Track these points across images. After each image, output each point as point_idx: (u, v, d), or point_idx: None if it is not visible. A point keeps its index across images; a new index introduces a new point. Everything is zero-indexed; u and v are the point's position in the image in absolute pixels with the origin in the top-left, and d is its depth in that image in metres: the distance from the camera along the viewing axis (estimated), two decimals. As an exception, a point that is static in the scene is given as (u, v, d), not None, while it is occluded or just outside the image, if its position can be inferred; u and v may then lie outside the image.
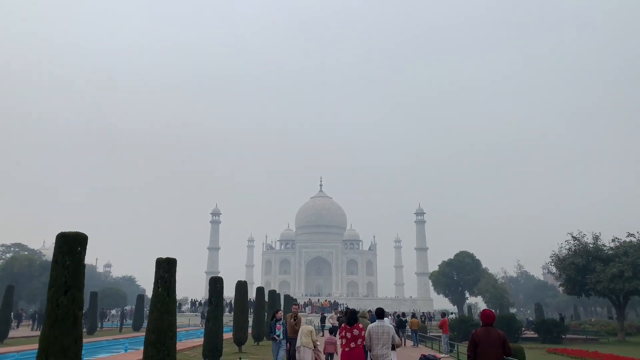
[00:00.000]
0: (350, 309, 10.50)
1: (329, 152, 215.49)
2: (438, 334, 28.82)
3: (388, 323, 9.07)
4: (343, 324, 9.26)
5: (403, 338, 25.22)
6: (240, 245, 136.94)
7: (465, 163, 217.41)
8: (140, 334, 26.67)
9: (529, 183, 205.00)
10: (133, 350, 20.59)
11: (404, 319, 27.21)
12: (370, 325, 8.91)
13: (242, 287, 19.81)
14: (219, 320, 15.24)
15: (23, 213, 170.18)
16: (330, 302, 63.33)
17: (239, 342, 19.39)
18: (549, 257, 36.19)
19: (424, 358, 17.90)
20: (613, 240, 33.84)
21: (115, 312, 58.16)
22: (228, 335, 23.03)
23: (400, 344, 9.42)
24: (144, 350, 10.59)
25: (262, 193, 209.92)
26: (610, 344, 28.98)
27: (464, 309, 65.88)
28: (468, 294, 68.77)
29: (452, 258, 68.29)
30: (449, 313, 33.65)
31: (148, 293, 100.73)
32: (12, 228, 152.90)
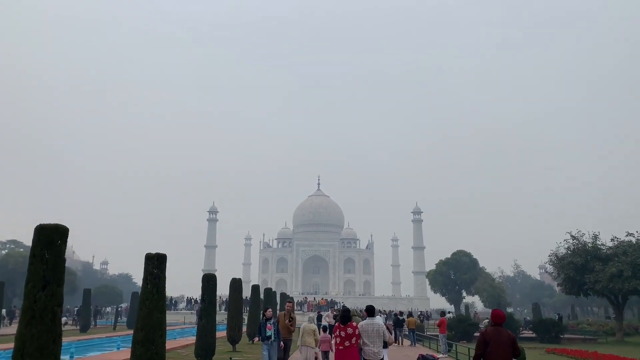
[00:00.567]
0: (344, 308, 10.17)
1: (327, 150, 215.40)
2: (435, 333, 28.53)
3: (379, 320, 9.02)
4: (337, 323, 9.16)
5: (400, 337, 24.89)
6: (238, 244, 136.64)
7: (463, 162, 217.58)
8: (134, 332, 26.27)
9: (527, 182, 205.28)
10: (125, 349, 20.15)
11: (402, 318, 26.86)
12: (361, 323, 8.87)
13: (236, 284, 19.43)
14: (212, 318, 14.85)
15: (19, 209, 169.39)
16: (327, 300, 63.02)
17: (233, 340, 19.02)
18: (548, 256, 35.93)
19: (422, 358, 17.54)
20: (612, 240, 33.58)
21: (111, 309, 57.67)
22: (223, 334, 22.68)
23: (392, 341, 9.39)
24: (132, 349, 10.21)
25: (259, 191, 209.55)
26: (609, 344, 28.72)
27: (461, 308, 65.66)
28: (465, 293, 68.53)
29: (449, 257, 68.05)
30: (447, 312, 33.34)
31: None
32: (7, 225, 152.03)
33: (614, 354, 20.03)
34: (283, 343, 11.84)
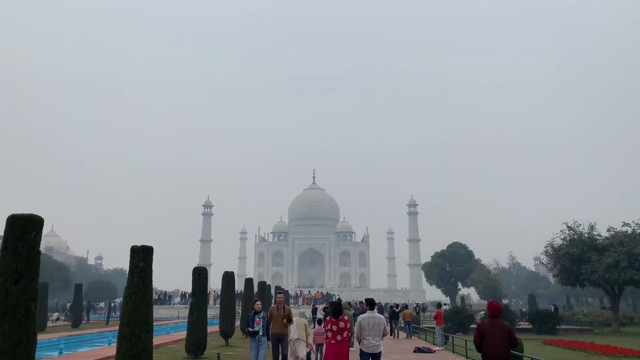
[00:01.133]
0: (336, 302, 9.86)
1: (322, 144, 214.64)
2: (431, 325, 28.30)
3: (379, 314, 8.97)
4: (329, 317, 8.94)
5: (396, 329, 24.65)
6: (233, 238, 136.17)
7: (458, 155, 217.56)
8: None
9: (522, 174, 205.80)
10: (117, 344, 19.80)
11: (397, 310, 26.61)
12: (362, 317, 8.71)
13: (228, 278, 19.06)
14: (203, 313, 14.49)
15: (15, 203, 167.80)
16: (323, 293, 62.84)
17: (226, 335, 18.67)
18: (544, 247, 35.74)
19: (418, 350, 17.33)
20: (608, 230, 33.44)
21: (104, 304, 57.25)
22: (216, 328, 22.31)
23: (387, 333, 9.21)
24: (117, 345, 9.83)
25: (254, 185, 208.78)
26: (605, 335, 28.65)
27: (457, 300, 65.71)
28: (461, 285, 68.54)
29: (444, 249, 67.99)
30: (443, 304, 33.11)
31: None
32: (1, 219, 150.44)
33: (611, 345, 19.88)
34: (277, 339, 10.66)
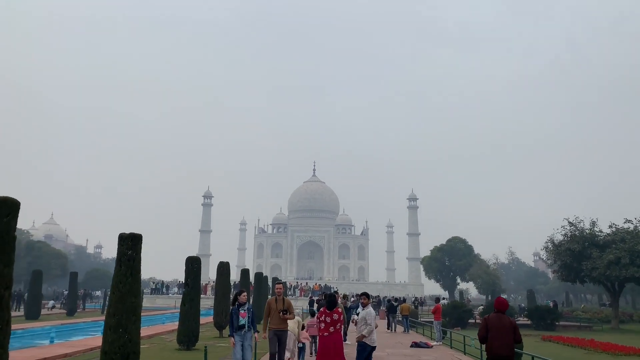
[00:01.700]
0: (330, 293, 9.63)
1: (323, 136, 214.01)
2: (429, 320, 28.03)
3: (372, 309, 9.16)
4: (322, 308, 8.86)
5: (394, 323, 24.36)
6: (233, 229, 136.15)
7: (459, 149, 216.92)
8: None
9: (522, 170, 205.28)
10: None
11: (395, 304, 26.31)
12: (371, 311, 8.90)
13: (223, 268, 18.72)
14: (196, 303, 14.16)
15: (13, 192, 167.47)
16: (321, 285, 62.67)
17: (220, 326, 18.38)
18: (544, 242, 35.33)
19: (415, 345, 17.01)
20: (610, 227, 33.04)
21: (101, 293, 57.16)
22: (211, 319, 21.99)
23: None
24: (103, 336, 9.47)
25: (255, 177, 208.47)
26: (605, 332, 28.39)
27: (455, 295, 65.53)
28: (459, 280, 68.31)
29: (444, 243, 67.70)
30: (442, 298, 32.75)
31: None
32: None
33: (612, 342, 19.57)
34: (276, 335, 9.27)
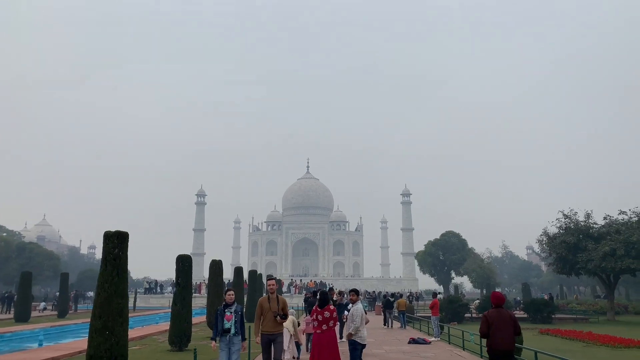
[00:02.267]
0: (322, 290, 9.35)
1: (316, 133, 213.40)
2: (426, 315, 27.81)
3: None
4: (315, 306, 8.65)
5: (390, 319, 24.09)
6: (227, 227, 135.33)
7: (452, 144, 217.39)
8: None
9: (515, 164, 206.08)
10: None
11: (392, 300, 26.03)
12: (360, 307, 8.81)
13: (216, 267, 18.31)
14: (187, 303, 13.76)
15: (5, 194, 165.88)
16: (316, 282, 62.42)
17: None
18: (539, 235, 35.21)
19: (413, 341, 16.74)
20: (605, 218, 33.00)
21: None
22: (204, 319, 21.58)
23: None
24: (89, 340, 9.07)
25: (248, 174, 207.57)
26: (601, 324, 28.33)
27: (450, 289, 65.58)
28: (454, 274, 68.40)
29: (438, 238, 67.71)
30: (438, 293, 32.57)
31: (133, 275, 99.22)
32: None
33: (609, 334, 19.43)
34: (269, 340, 8.17)
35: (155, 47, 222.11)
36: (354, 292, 9.39)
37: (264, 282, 34.99)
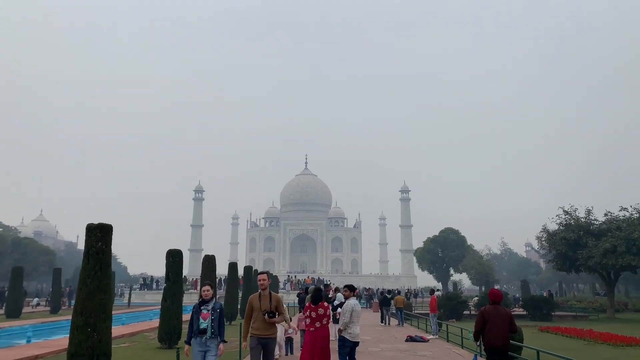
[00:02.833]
0: (316, 287, 8.93)
1: (315, 129, 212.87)
2: (424, 312, 27.43)
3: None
4: (308, 303, 8.31)
5: (387, 316, 23.70)
6: (225, 223, 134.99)
7: (451, 140, 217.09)
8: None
9: (513, 161, 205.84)
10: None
11: (389, 296, 25.63)
12: (354, 303, 8.46)
13: (209, 262, 17.89)
14: (178, 299, 13.35)
15: (2, 189, 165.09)
16: (314, 279, 62.05)
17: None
18: (539, 232, 34.85)
19: (411, 339, 16.32)
20: (605, 215, 32.62)
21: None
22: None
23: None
24: (70, 337, 8.64)
25: (246, 170, 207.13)
26: (601, 321, 27.98)
27: (449, 286, 65.27)
28: (453, 271, 68.03)
29: (437, 235, 67.33)
30: (436, 290, 32.12)
31: (130, 270, 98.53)
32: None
33: (610, 332, 19.06)
34: (260, 344, 7.00)
35: (155, 43, 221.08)
36: (348, 287, 8.97)
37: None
